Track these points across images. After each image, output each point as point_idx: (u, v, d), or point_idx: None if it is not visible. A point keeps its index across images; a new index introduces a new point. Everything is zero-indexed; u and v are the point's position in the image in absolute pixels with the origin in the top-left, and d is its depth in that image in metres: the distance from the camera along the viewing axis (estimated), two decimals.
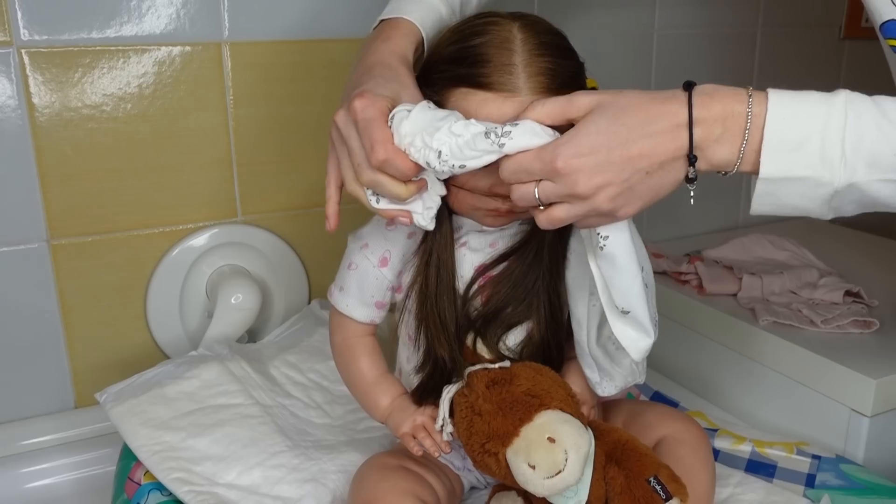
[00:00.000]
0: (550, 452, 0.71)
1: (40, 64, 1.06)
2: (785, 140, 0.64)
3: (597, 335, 0.82)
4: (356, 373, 0.87)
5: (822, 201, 0.66)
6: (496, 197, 0.76)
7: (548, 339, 0.83)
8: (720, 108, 0.65)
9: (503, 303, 0.81)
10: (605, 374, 0.84)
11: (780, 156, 0.65)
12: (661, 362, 1.29)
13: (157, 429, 0.94)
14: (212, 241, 1.21)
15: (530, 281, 0.81)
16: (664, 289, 1.30)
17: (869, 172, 0.64)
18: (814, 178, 0.65)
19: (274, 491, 0.89)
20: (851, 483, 0.95)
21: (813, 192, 0.66)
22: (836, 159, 0.64)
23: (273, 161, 1.22)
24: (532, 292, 0.81)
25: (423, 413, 0.81)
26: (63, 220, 1.11)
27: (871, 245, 1.55)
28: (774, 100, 0.65)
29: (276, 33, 1.17)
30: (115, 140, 1.12)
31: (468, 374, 0.79)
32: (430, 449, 0.79)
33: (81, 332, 1.16)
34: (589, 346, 0.82)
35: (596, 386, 0.84)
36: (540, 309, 0.82)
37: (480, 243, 0.83)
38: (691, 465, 0.81)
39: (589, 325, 0.81)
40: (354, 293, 0.85)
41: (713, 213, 1.64)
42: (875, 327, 1.14)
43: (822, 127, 0.64)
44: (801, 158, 0.64)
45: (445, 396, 0.78)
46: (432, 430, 0.79)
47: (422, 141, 0.67)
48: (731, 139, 0.66)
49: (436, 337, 0.81)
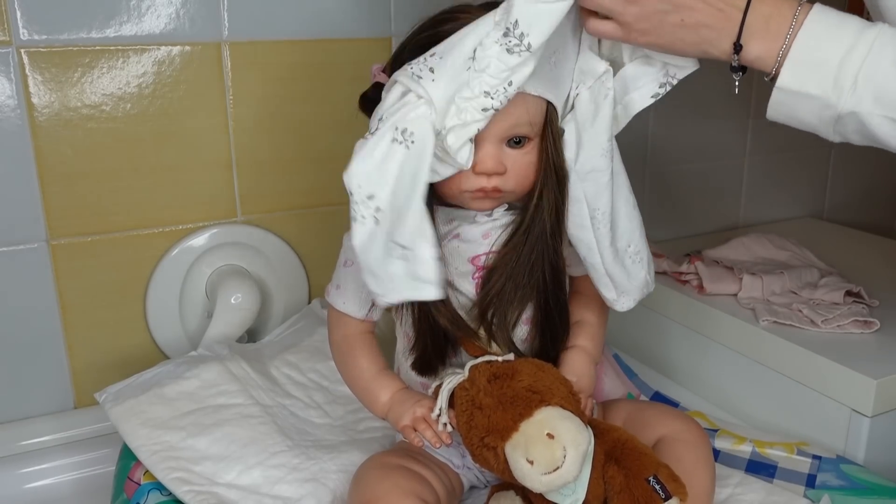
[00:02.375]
0: (549, 448, 0.71)
1: (40, 64, 1.06)
2: (809, 57, 0.69)
3: (612, 253, 0.83)
4: (356, 369, 0.87)
5: (828, 122, 0.70)
6: (481, 175, 0.77)
7: (551, 317, 0.85)
8: (770, 8, 0.69)
9: (503, 289, 0.82)
10: (621, 291, 0.86)
11: (799, 70, 0.69)
12: (661, 362, 1.29)
13: (157, 429, 0.94)
14: (212, 241, 1.21)
15: (528, 265, 0.82)
16: (664, 289, 1.30)
17: (873, 106, 0.67)
18: (822, 98, 0.69)
19: (274, 491, 0.89)
20: (852, 483, 0.95)
21: (820, 111, 0.69)
22: (847, 87, 0.67)
23: (273, 161, 1.22)
24: (531, 274, 0.82)
25: (423, 405, 0.81)
26: (63, 220, 1.11)
27: (871, 245, 1.55)
28: (814, 17, 0.69)
29: (276, 33, 1.17)
30: (115, 140, 1.12)
31: (470, 368, 0.79)
32: (430, 440, 0.79)
33: (81, 332, 1.16)
34: (605, 266, 0.84)
35: (614, 303, 0.87)
36: (541, 288, 0.83)
37: (473, 234, 0.83)
38: (691, 465, 0.81)
39: (601, 248, 0.83)
40: (351, 290, 0.86)
41: (713, 213, 1.64)
42: (875, 327, 1.14)
43: (845, 54, 0.68)
44: (817, 77, 0.68)
45: (445, 387, 0.79)
46: (432, 422, 0.79)
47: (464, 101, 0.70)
48: (771, 40, 0.70)
49: (435, 310, 0.81)
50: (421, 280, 0.72)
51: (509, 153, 0.78)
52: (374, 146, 0.70)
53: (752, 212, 1.69)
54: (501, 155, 0.78)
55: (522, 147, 0.78)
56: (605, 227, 0.82)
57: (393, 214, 0.71)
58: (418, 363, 0.85)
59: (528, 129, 0.78)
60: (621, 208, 0.84)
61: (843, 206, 1.83)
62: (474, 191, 0.78)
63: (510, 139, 0.78)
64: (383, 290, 0.73)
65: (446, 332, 0.82)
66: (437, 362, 0.85)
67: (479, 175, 0.77)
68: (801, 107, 0.70)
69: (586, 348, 0.88)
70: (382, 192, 0.70)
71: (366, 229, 0.70)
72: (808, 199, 1.78)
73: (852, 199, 1.84)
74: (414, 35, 0.80)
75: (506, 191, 0.79)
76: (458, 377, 0.79)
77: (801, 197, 1.77)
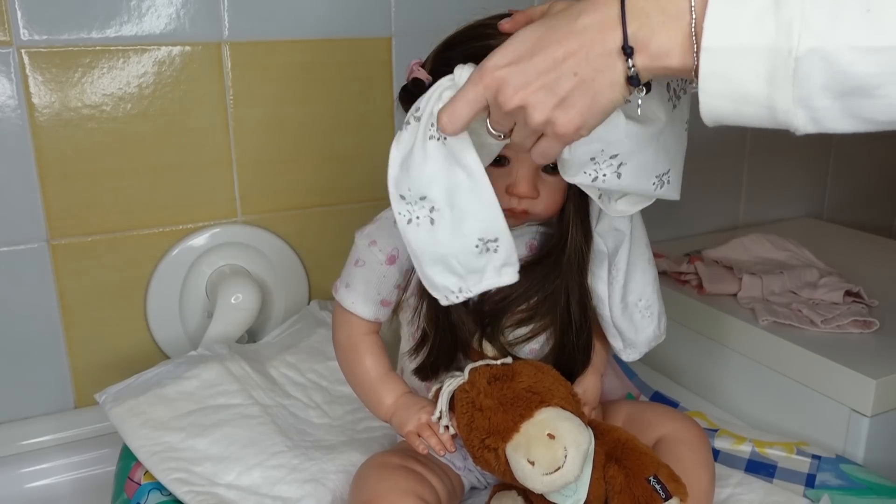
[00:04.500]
0: (550, 449, 0.71)
1: (40, 64, 1.06)
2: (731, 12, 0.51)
3: (621, 308, 0.85)
4: (360, 370, 0.87)
5: (783, 84, 0.51)
6: (513, 196, 0.77)
7: (567, 343, 0.85)
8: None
9: (516, 302, 0.82)
10: (628, 343, 0.88)
11: (725, 21, 0.51)
12: (661, 362, 1.29)
13: (157, 429, 0.94)
14: (212, 241, 1.20)
15: (549, 283, 0.82)
16: (664, 289, 1.30)
17: (833, 32, 0.48)
18: (767, 46, 0.50)
19: (274, 491, 0.89)
20: (851, 483, 0.95)
21: (770, 68, 0.50)
22: (795, 18, 0.49)
23: (273, 161, 1.22)
24: (551, 296, 0.82)
25: (428, 412, 0.81)
26: (63, 220, 1.11)
27: (871, 245, 1.55)
28: None
29: (276, 33, 1.17)
30: (115, 140, 1.12)
31: (470, 370, 0.79)
32: (435, 448, 0.79)
33: (81, 332, 1.16)
34: (613, 319, 0.85)
35: (620, 353, 0.89)
36: (559, 312, 0.83)
37: None
38: (691, 465, 0.81)
39: (611, 301, 0.84)
40: (361, 290, 0.85)
41: (713, 213, 1.64)
42: (875, 327, 1.14)
43: None
44: (751, 21, 0.50)
45: (446, 390, 0.79)
46: (437, 429, 0.79)
47: None
48: (674, 20, 0.53)
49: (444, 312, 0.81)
50: (508, 265, 0.70)
51: (545, 178, 0.78)
52: (410, 146, 0.66)
53: (752, 212, 1.69)
54: (537, 179, 0.78)
55: (557, 173, 0.75)
56: (618, 283, 0.84)
57: (455, 212, 0.67)
58: (425, 366, 0.85)
59: None
60: (637, 263, 0.85)
61: (843, 206, 1.83)
62: (503, 209, 0.77)
63: (547, 164, 0.74)
64: (467, 285, 0.70)
65: (457, 331, 0.82)
66: (443, 364, 0.84)
67: (512, 196, 0.77)
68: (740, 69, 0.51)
69: (594, 363, 0.89)
70: (432, 191, 0.66)
71: (421, 230, 0.68)
72: (807, 199, 1.78)
73: (852, 199, 1.84)
74: (466, 40, 0.77)
75: (533, 213, 0.79)
76: (457, 379, 0.79)
77: (801, 197, 1.77)
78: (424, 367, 0.85)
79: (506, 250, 0.69)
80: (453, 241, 0.68)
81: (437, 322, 0.82)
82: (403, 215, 0.68)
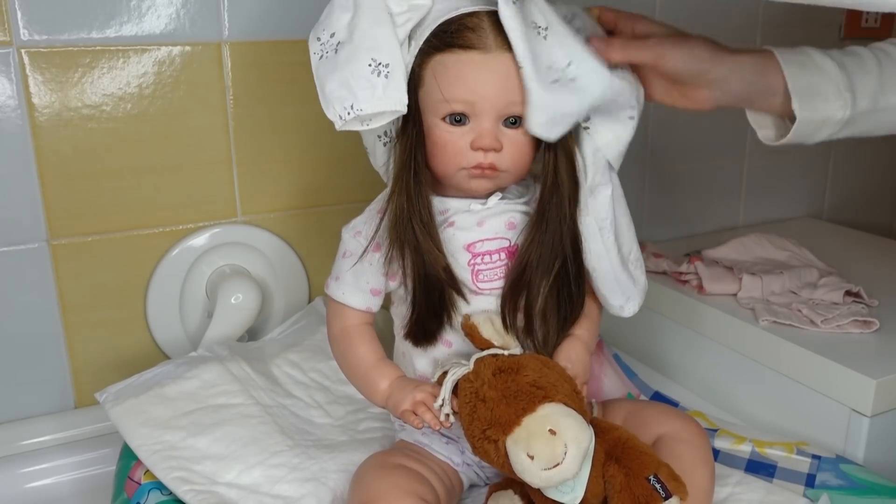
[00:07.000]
0: (550, 444, 0.71)
1: (40, 64, 1.06)
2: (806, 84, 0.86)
3: (619, 260, 0.88)
4: (354, 358, 0.88)
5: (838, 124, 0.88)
6: (478, 150, 0.79)
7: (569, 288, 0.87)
8: None
9: (531, 281, 0.84)
10: (628, 296, 0.90)
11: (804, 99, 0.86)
12: (661, 362, 1.29)
13: (157, 428, 0.94)
14: (212, 241, 1.21)
15: (550, 250, 0.84)
16: (664, 289, 1.31)
17: None
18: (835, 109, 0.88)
19: (274, 490, 0.89)
20: (851, 483, 0.95)
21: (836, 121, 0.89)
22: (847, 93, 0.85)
23: (273, 161, 1.22)
24: (553, 256, 0.84)
25: (423, 390, 0.81)
26: (63, 220, 1.11)
27: (871, 245, 1.55)
28: None
29: (276, 33, 1.17)
30: (115, 140, 1.12)
31: (475, 361, 0.79)
32: (430, 423, 0.79)
33: (81, 332, 1.16)
34: (615, 273, 0.88)
35: (621, 310, 0.91)
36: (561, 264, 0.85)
37: (468, 222, 0.84)
38: (691, 464, 0.81)
39: (610, 256, 0.87)
40: (350, 281, 0.87)
41: (713, 213, 1.64)
42: (875, 327, 1.14)
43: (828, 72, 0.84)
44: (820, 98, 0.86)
45: (450, 378, 0.79)
46: (432, 406, 0.80)
47: None
48: None
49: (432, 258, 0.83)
50: (397, 95, 0.77)
51: (506, 132, 0.80)
52: None
53: (752, 212, 1.69)
54: (498, 132, 0.80)
55: (518, 127, 0.80)
56: (611, 237, 0.87)
57: (354, 42, 0.78)
58: (415, 328, 0.86)
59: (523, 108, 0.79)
60: (622, 218, 0.89)
61: (843, 206, 1.83)
62: (472, 167, 0.80)
63: (506, 118, 0.80)
64: (358, 103, 0.78)
65: (442, 290, 0.83)
66: (433, 326, 0.85)
67: (477, 151, 0.79)
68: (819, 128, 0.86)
69: (581, 336, 0.89)
70: (339, 30, 0.79)
71: (328, 59, 0.79)
72: (807, 199, 1.78)
73: (852, 199, 1.84)
74: None
75: (501, 169, 0.81)
76: (462, 369, 0.79)
77: (801, 197, 1.77)
78: (414, 330, 0.86)
79: (397, 78, 0.77)
80: (350, 63, 0.77)
81: (424, 279, 0.83)
82: (316, 53, 0.80)
